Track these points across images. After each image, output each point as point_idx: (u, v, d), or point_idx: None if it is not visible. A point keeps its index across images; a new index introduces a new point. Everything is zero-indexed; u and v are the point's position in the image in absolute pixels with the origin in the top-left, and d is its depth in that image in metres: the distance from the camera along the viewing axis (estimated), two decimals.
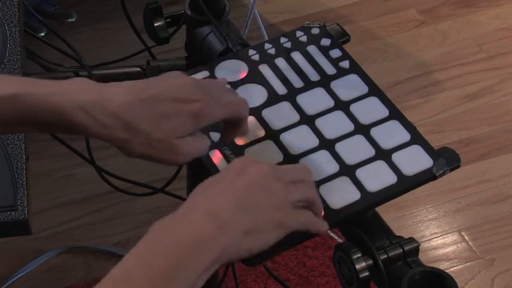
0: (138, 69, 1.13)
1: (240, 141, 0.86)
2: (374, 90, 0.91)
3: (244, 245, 0.69)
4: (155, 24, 1.08)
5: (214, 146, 0.85)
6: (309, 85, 0.92)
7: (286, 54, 0.95)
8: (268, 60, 0.94)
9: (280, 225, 0.71)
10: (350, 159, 0.84)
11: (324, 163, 0.83)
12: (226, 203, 0.69)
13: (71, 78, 0.76)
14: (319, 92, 0.91)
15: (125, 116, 0.74)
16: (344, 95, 0.90)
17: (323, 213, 0.78)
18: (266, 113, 0.89)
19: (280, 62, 0.94)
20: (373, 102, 0.89)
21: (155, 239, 0.66)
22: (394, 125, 0.87)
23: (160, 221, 0.68)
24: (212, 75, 0.93)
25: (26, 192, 0.95)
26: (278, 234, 0.71)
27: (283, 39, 0.97)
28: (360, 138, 0.86)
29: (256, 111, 0.89)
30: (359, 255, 0.76)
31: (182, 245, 0.66)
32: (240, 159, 0.75)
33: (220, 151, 0.85)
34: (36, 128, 0.75)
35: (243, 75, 0.93)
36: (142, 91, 0.76)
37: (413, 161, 0.83)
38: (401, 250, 0.77)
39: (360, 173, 0.82)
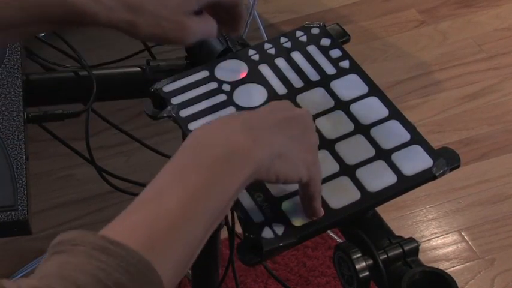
0: (138, 69, 1.13)
1: None
2: (374, 90, 0.91)
3: (275, 167, 0.69)
4: None
5: None
6: (308, 85, 0.92)
7: (286, 54, 0.95)
8: (268, 60, 0.94)
9: (306, 166, 0.72)
10: (350, 159, 0.84)
11: (323, 163, 0.83)
12: (267, 122, 0.71)
13: None
14: (319, 92, 0.91)
15: None
16: (344, 95, 0.90)
17: (323, 213, 0.78)
18: None
19: (280, 62, 0.94)
20: (373, 102, 0.89)
21: (192, 151, 0.66)
22: (394, 125, 0.87)
23: (198, 131, 0.68)
24: (212, 76, 0.93)
25: (26, 192, 0.95)
26: (302, 174, 0.72)
27: (283, 39, 0.97)
28: (360, 138, 0.86)
29: None
30: (359, 255, 0.76)
31: (218, 159, 0.65)
32: (282, 101, 0.78)
33: None
34: (45, 24, 0.76)
35: (243, 75, 0.93)
36: None
37: (413, 161, 0.83)
38: (401, 250, 0.77)
39: (360, 173, 0.82)
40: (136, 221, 0.60)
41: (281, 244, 0.75)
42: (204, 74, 0.93)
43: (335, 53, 0.95)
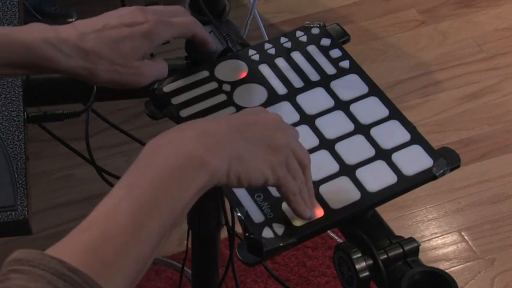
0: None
1: None
2: (374, 90, 0.91)
3: (235, 170, 0.68)
4: None
5: None
6: (309, 85, 0.92)
7: (286, 54, 0.95)
8: (268, 60, 0.94)
9: (271, 168, 0.71)
10: (350, 159, 0.84)
11: (323, 163, 0.83)
12: (226, 126, 0.70)
13: (28, 24, 0.84)
14: (319, 92, 0.91)
15: (85, 45, 0.83)
16: (344, 94, 0.90)
17: (323, 213, 0.78)
18: None
19: (280, 62, 0.94)
20: (373, 102, 0.89)
21: (145, 163, 0.66)
22: (394, 125, 0.87)
23: (152, 142, 0.68)
24: (212, 75, 0.93)
25: (26, 192, 0.95)
26: (267, 177, 0.71)
27: (283, 39, 0.97)
28: (360, 138, 0.86)
29: None
30: (359, 255, 0.76)
31: (170, 170, 0.65)
32: (254, 107, 0.78)
33: None
34: (7, 68, 0.82)
35: (243, 75, 0.93)
36: (95, 23, 0.85)
37: (413, 161, 0.83)
38: (401, 250, 0.77)
39: (360, 173, 0.82)
40: (88, 241, 0.60)
41: (281, 244, 0.75)
42: (204, 74, 0.93)
43: (335, 53, 0.95)
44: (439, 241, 1.86)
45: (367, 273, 0.76)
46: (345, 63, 0.93)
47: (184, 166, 0.65)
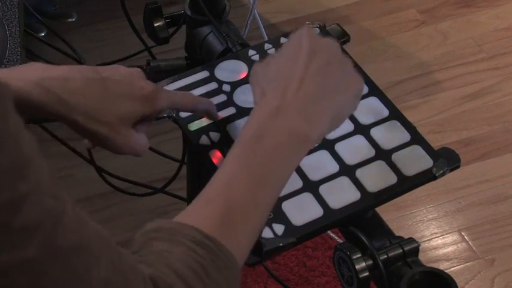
0: (138, 69, 1.13)
1: None
2: (374, 90, 0.90)
3: (326, 132, 0.74)
4: (155, 24, 1.08)
5: (214, 146, 0.85)
6: None
7: None
8: None
9: (356, 97, 0.77)
10: (350, 159, 0.84)
11: (323, 163, 0.83)
12: (310, 94, 0.72)
13: (26, 64, 0.76)
14: None
15: (84, 96, 0.75)
16: None
17: (322, 213, 0.78)
18: None
19: None
20: (373, 102, 0.89)
21: (255, 140, 0.69)
22: (394, 125, 0.87)
23: (259, 116, 0.71)
24: (212, 75, 0.93)
25: None
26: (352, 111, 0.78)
27: (283, 40, 0.97)
28: (359, 138, 0.86)
29: None
30: (359, 255, 0.76)
31: (279, 146, 0.69)
32: (306, 33, 0.76)
33: (220, 151, 0.85)
34: None
35: (243, 75, 0.93)
36: (101, 71, 0.78)
37: (413, 161, 0.83)
38: (401, 250, 0.77)
39: (360, 173, 0.82)
40: (215, 212, 0.64)
41: (281, 244, 0.75)
42: (204, 74, 0.93)
43: None
44: (439, 241, 1.86)
45: (366, 274, 0.76)
46: None
47: (291, 142, 0.70)
